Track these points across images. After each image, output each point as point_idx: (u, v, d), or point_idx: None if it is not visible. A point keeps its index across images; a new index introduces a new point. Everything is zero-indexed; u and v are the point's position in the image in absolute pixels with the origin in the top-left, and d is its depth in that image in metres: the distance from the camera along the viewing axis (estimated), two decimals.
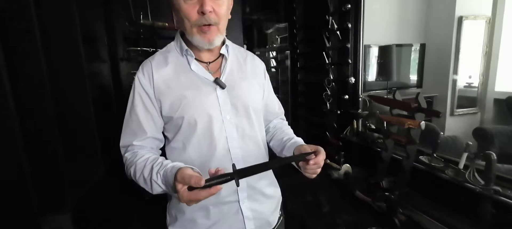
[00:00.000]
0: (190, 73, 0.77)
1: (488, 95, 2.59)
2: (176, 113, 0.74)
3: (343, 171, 1.39)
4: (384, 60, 2.22)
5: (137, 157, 0.74)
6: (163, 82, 0.75)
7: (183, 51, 0.78)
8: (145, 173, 0.70)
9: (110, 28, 1.68)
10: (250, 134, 0.81)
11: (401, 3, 2.63)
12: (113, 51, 1.71)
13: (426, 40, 2.72)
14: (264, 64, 0.94)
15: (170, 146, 0.80)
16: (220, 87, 0.77)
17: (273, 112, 0.97)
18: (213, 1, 0.70)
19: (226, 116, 0.77)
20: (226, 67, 0.81)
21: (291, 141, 0.86)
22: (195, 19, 0.70)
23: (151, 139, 0.78)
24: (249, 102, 0.81)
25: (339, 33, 1.65)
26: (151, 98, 0.76)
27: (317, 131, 1.89)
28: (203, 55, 0.80)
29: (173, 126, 0.77)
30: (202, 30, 0.72)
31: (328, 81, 1.72)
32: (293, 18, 2.08)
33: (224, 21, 0.75)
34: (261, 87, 0.89)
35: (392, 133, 1.26)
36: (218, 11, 0.71)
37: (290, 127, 0.99)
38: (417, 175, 1.20)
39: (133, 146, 0.76)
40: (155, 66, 0.76)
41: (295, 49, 2.12)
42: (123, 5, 1.67)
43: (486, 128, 2.01)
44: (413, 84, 2.79)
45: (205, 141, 0.76)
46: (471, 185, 1.00)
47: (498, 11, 2.45)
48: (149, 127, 0.76)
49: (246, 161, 0.78)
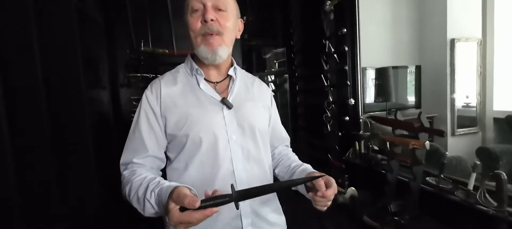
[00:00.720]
0: (198, 92, 0.78)
1: (487, 114, 2.59)
2: (181, 131, 0.73)
3: (348, 194, 1.34)
4: (383, 82, 2.25)
5: (135, 175, 0.71)
6: (170, 99, 0.76)
7: (193, 70, 0.79)
8: (140, 192, 0.67)
9: (111, 55, 1.70)
10: (255, 156, 0.79)
11: (394, 27, 2.72)
12: (113, 77, 1.72)
13: (421, 62, 2.78)
14: (271, 91, 0.95)
15: (171, 167, 0.78)
16: (226, 107, 0.76)
17: (279, 138, 0.95)
18: (217, 12, 0.73)
19: (232, 136, 0.76)
20: (234, 88, 0.82)
21: (301, 167, 0.83)
22: (199, 28, 0.73)
23: (152, 157, 0.76)
24: (256, 124, 0.80)
25: (336, 56, 1.68)
26: (156, 116, 0.76)
27: (319, 154, 1.86)
28: (211, 75, 0.81)
29: (177, 144, 0.75)
30: (205, 39, 0.73)
31: (327, 103, 1.72)
32: (291, 43, 2.13)
33: (229, 34, 0.77)
34: (267, 110, 0.88)
35: (396, 153, 1.23)
36: (221, 22, 0.74)
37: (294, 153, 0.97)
38: (426, 197, 1.16)
39: (132, 163, 0.74)
40: (163, 84, 0.78)
41: (294, 72, 2.15)
42: (125, 33, 1.71)
43: (490, 147, 1.99)
44: (411, 105, 2.81)
45: (208, 161, 0.74)
46: (484, 206, 0.95)
47: (488, 33, 2.54)
48: (151, 145, 0.75)
49: (251, 184, 0.74)
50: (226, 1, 0.75)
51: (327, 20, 1.70)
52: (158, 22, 1.78)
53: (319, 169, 0.79)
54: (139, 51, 1.74)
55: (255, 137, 0.80)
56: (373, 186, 1.41)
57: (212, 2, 0.73)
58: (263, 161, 0.82)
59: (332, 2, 1.63)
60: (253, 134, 0.79)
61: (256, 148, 0.80)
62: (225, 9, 0.74)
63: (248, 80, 0.89)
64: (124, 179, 0.73)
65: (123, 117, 1.79)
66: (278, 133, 0.95)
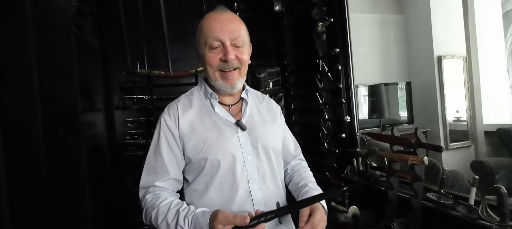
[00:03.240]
0: (213, 116, 0.80)
1: (478, 128, 2.65)
2: (200, 154, 0.75)
3: (350, 213, 1.32)
4: (376, 99, 2.29)
5: (160, 199, 0.72)
6: (188, 124, 0.78)
7: (207, 94, 0.82)
8: (169, 218, 0.68)
9: (107, 78, 1.70)
10: (270, 176, 0.81)
11: (383, 46, 2.83)
12: (108, 101, 1.71)
13: (411, 79, 2.86)
14: (279, 107, 0.99)
15: (190, 188, 0.78)
16: (241, 129, 0.79)
17: (289, 153, 0.97)
18: (236, 49, 0.76)
19: (247, 157, 0.78)
20: (247, 110, 0.84)
21: (305, 189, 0.85)
22: (217, 64, 0.76)
23: (173, 180, 0.77)
24: (269, 144, 0.82)
25: (330, 75, 1.71)
26: (176, 139, 0.77)
27: (317, 172, 1.83)
28: (225, 99, 0.83)
29: (196, 167, 0.77)
30: (224, 75, 0.77)
31: (323, 121, 1.74)
32: (285, 62, 2.17)
33: (246, 65, 0.81)
34: (278, 128, 0.91)
35: (396, 170, 1.23)
36: (240, 57, 0.77)
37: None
38: (428, 213, 1.14)
39: (154, 187, 0.75)
40: (181, 108, 0.80)
41: (288, 91, 2.18)
42: (121, 55, 1.72)
43: (484, 160, 2.01)
44: (404, 120, 2.85)
45: (227, 183, 0.75)
46: (487, 222, 0.95)
47: (472, 50, 2.66)
48: (172, 168, 0.76)
49: (267, 204, 0.77)
50: (242, 35, 0.78)
51: (320, 41, 1.75)
52: (154, 44, 1.80)
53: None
54: (135, 73, 1.74)
55: (269, 157, 0.82)
56: (374, 204, 1.39)
57: (230, 41, 0.75)
58: (278, 179, 0.85)
59: (324, 24, 1.69)
60: (267, 154, 0.81)
61: (271, 167, 0.82)
62: (242, 45, 0.77)
63: (257, 99, 0.92)
64: (148, 203, 0.74)
65: (117, 139, 1.76)
66: (287, 147, 0.97)
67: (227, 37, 0.74)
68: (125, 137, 1.76)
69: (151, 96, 1.79)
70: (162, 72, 1.79)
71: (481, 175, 1.96)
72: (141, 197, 0.77)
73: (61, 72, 0.97)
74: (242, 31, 0.78)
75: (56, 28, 0.98)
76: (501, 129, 2.27)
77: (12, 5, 0.79)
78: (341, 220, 1.36)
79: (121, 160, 1.72)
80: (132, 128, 1.77)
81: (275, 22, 2.21)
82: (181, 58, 1.84)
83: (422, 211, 1.14)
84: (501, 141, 2.27)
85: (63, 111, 0.97)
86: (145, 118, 1.77)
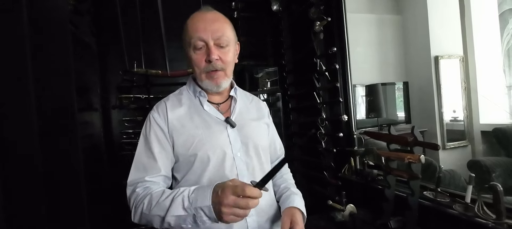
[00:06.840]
0: (202, 113, 0.81)
1: (474, 128, 2.66)
2: (189, 150, 0.75)
3: (347, 211, 1.32)
4: (373, 98, 2.30)
5: (152, 189, 0.71)
6: (177, 121, 0.78)
7: (196, 93, 0.83)
8: (163, 197, 0.68)
9: (104, 77, 1.69)
10: (259, 173, 0.81)
11: (381, 46, 2.84)
12: (105, 100, 1.70)
13: (408, 79, 2.87)
14: (268, 107, 1.01)
15: (179, 186, 0.77)
16: (230, 126, 0.80)
17: (274, 152, 1.00)
18: (219, 50, 0.76)
19: (237, 153, 0.78)
20: (236, 108, 0.85)
21: (285, 194, 0.89)
22: (204, 67, 0.77)
23: (163, 177, 0.77)
24: (258, 141, 0.84)
25: (327, 74, 1.72)
26: (165, 135, 0.77)
27: (314, 172, 1.84)
28: (214, 97, 0.84)
29: (185, 164, 0.77)
30: (210, 75, 0.78)
31: (321, 120, 1.74)
32: (282, 62, 2.17)
33: (231, 66, 0.82)
34: (266, 127, 0.93)
35: (393, 168, 1.23)
36: (224, 58, 0.78)
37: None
38: (424, 211, 1.15)
39: (144, 181, 0.73)
40: (169, 106, 0.80)
41: (286, 91, 2.18)
42: (118, 55, 1.71)
43: (480, 160, 2.02)
44: (401, 120, 2.86)
45: (216, 179, 0.74)
46: (483, 219, 0.95)
47: (469, 50, 2.67)
48: (163, 164, 0.76)
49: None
50: (226, 35, 0.78)
51: (317, 40, 1.76)
52: (151, 43, 1.80)
53: (316, 188, 0.84)
54: (132, 72, 1.73)
55: (258, 154, 0.83)
56: (371, 202, 1.39)
57: (214, 41, 0.75)
58: None
59: (321, 23, 1.70)
60: (256, 151, 0.83)
61: (260, 164, 0.83)
62: (226, 44, 0.78)
63: (247, 99, 0.94)
64: (138, 196, 0.71)
65: (114, 139, 1.75)
66: (272, 147, 0.99)
67: (210, 37, 0.74)
68: (122, 136, 1.75)
69: (148, 95, 1.79)
70: (159, 71, 1.79)
71: (478, 174, 1.97)
72: (129, 194, 0.74)
73: (57, 71, 0.97)
74: (226, 31, 0.78)
75: (52, 27, 0.97)
76: (498, 128, 2.28)
77: (8, 3, 0.79)
78: (338, 219, 1.36)
79: (118, 160, 1.72)
80: (129, 127, 1.76)
81: (273, 21, 2.21)
82: (178, 57, 1.83)
83: (419, 209, 1.15)
84: (498, 140, 2.28)
85: (59, 111, 0.97)
86: (142, 117, 1.77)
